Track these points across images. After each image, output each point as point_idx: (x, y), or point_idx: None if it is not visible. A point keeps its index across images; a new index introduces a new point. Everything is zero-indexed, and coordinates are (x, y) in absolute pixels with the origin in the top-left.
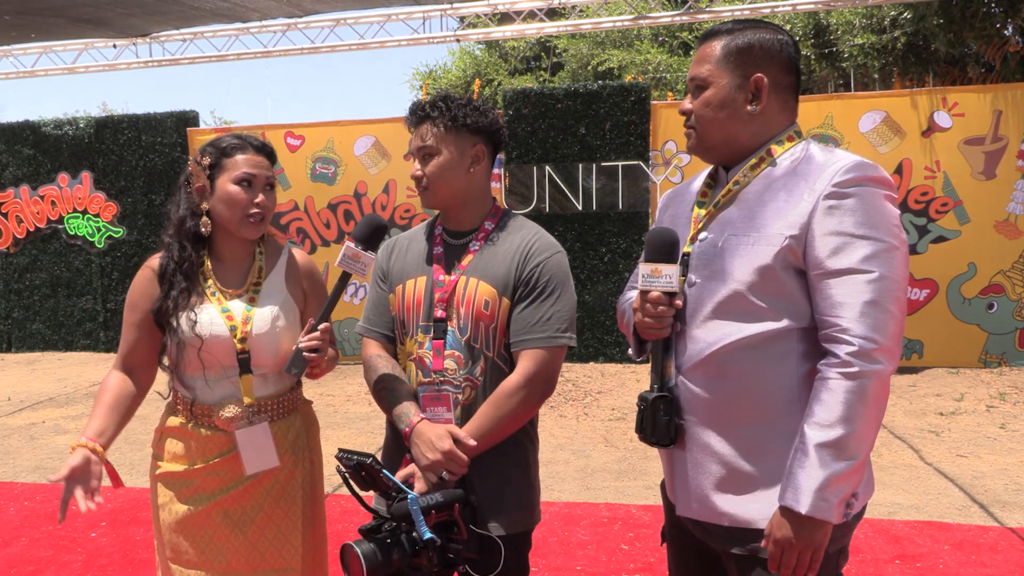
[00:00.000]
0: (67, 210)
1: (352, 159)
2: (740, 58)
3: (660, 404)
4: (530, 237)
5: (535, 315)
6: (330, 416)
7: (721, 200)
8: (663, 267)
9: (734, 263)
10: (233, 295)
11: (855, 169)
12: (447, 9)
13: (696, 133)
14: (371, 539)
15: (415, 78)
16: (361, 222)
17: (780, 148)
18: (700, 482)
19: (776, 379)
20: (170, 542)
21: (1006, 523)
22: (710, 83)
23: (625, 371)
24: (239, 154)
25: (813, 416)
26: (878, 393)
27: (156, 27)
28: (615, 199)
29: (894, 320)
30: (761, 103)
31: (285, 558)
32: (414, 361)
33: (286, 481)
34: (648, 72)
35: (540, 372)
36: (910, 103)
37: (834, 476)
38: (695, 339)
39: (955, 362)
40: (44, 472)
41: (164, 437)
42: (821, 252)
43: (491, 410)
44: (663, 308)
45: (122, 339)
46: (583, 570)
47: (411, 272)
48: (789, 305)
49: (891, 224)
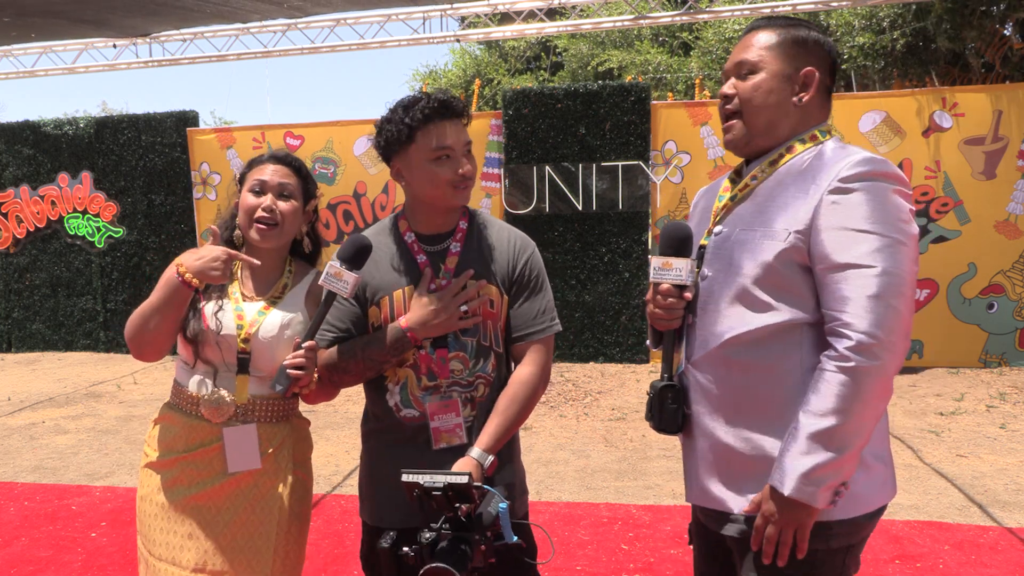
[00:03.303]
0: (67, 210)
1: (352, 159)
2: (794, 49)
3: (668, 392)
4: (509, 234)
5: (534, 308)
6: (330, 416)
7: (738, 195)
8: (673, 260)
9: (742, 257)
10: (251, 299)
11: (862, 164)
12: (447, 9)
13: (740, 121)
14: (442, 552)
15: (415, 78)
16: (347, 242)
17: (801, 146)
18: (706, 469)
19: (782, 372)
20: (146, 533)
21: (1006, 523)
22: (761, 68)
23: (625, 371)
24: (259, 165)
25: (808, 404)
26: (875, 388)
27: (156, 27)
28: (615, 199)
29: (897, 315)
30: (808, 95)
31: (253, 569)
32: (412, 368)
33: (265, 489)
34: (648, 72)
35: (548, 360)
36: (910, 103)
37: (820, 464)
38: (704, 330)
39: (955, 362)
40: (44, 472)
41: (155, 426)
42: (826, 247)
43: (515, 406)
44: (672, 300)
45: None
46: (583, 570)
47: (394, 283)
48: (796, 299)
49: (898, 219)
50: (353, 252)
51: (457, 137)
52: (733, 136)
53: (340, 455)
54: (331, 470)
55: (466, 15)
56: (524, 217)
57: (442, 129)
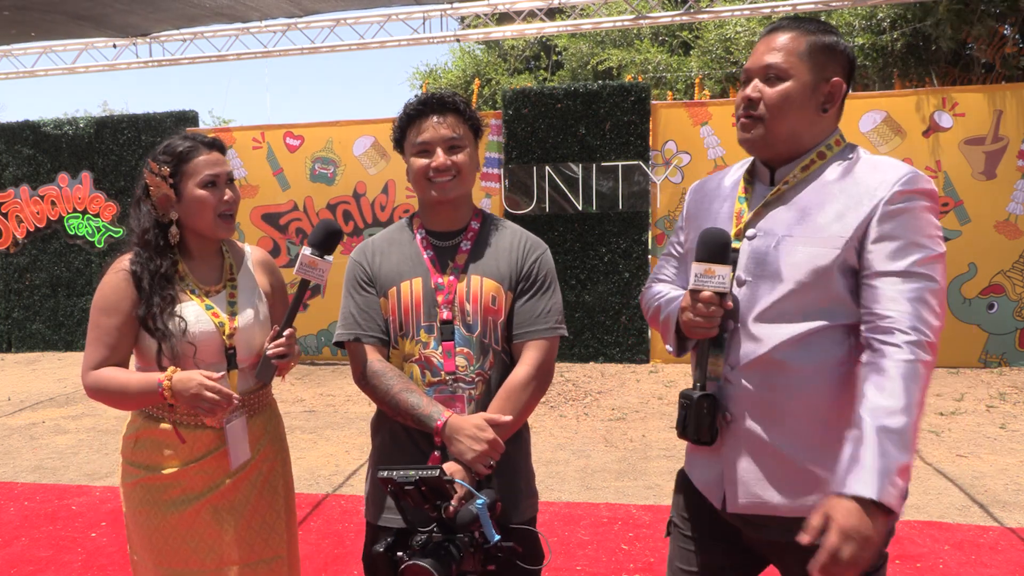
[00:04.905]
0: (67, 210)
1: (351, 159)
2: (824, 58)
3: (704, 403)
4: (521, 234)
5: (537, 307)
6: (330, 416)
7: (770, 199)
8: (716, 267)
9: (790, 264)
10: (213, 292)
11: (913, 181)
12: (447, 9)
13: (763, 125)
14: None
15: (415, 78)
16: (316, 228)
17: (830, 152)
18: (752, 477)
19: (828, 374)
20: (159, 547)
21: (1006, 523)
22: (791, 76)
23: (625, 371)
24: (196, 156)
25: (870, 402)
26: (929, 384)
27: (156, 25)
28: (615, 199)
29: (939, 320)
30: (834, 106)
31: (272, 547)
32: (417, 363)
33: (268, 472)
34: (648, 72)
35: (545, 362)
36: (910, 103)
37: (899, 465)
38: (751, 337)
39: (955, 362)
40: (44, 472)
41: (141, 443)
42: (876, 255)
43: (509, 404)
44: (715, 308)
45: (97, 344)
46: (583, 570)
47: (404, 274)
48: (840, 304)
49: (937, 235)
50: (324, 237)
51: (435, 131)
52: (752, 137)
53: (340, 455)
54: (331, 470)
55: (466, 15)
56: (524, 217)
57: (423, 124)
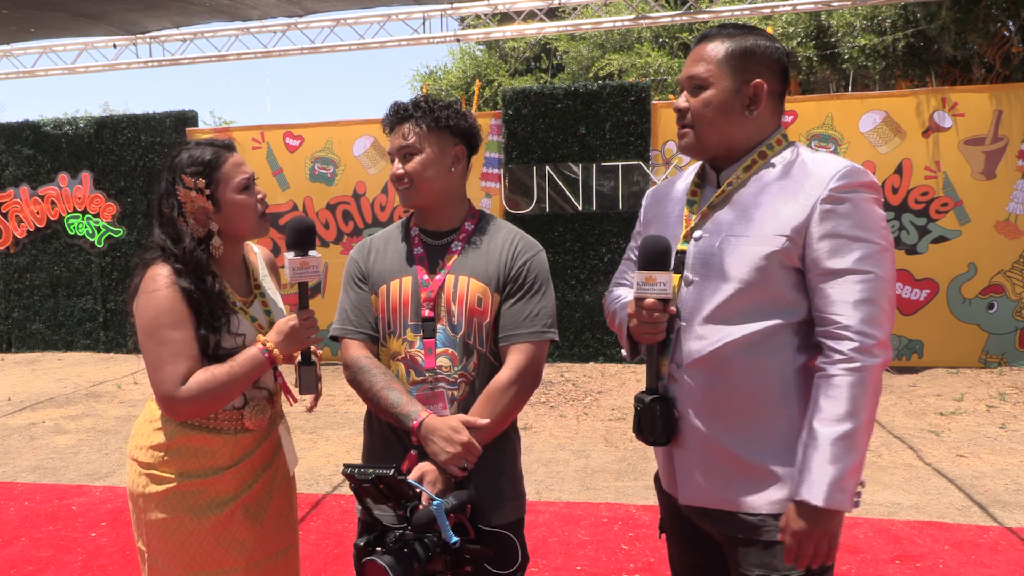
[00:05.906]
0: (67, 210)
1: (351, 159)
2: (742, 62)
3: (657, 406)
4: (514, 236)
5: (524, 311)
6: (330, 416)
7: (715, 200)
8: (657, 274)
9: (733, 263)
10: (247, 302)
11: (849, 175)
12: (447, 9)
13: (693, 132)
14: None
15: (415, 78)
16: (288, 232)
17: (771, 151)
18: (700, 471)
19: (773, 372)
20: (192, 553)
21: (1006, 523)
22: (711, 84)
23: (625, 371)
24: (225, 161)
25: (822, 412)
26: (876, 385)
27: (155, 23)
28: (615, 199)
29: (887, 316)
30: (759, 108)
31: (288, 537)
32: (403, 361)
33: (282, 467)
34: (648, 75)
35: (530, 366)
36: (910, 103)
37: (847, 469)
38: (696, 337)
39: (955, 362)
40: (44, 472)
41: (175, 451)
42: (819, 253)
43: (488, 407)
44: (658, 315)
45: (176, 357)
46: (583, 570)
47: (394, 272)
48: (784, 302)
49: (880, 227)
50: (298, 238)
51: (394, 142)
52: (687, 143)
53: (340, 455)
54: (331, 470)
55: (466, 15)
56: (524, 217)
57: (394, 133)
